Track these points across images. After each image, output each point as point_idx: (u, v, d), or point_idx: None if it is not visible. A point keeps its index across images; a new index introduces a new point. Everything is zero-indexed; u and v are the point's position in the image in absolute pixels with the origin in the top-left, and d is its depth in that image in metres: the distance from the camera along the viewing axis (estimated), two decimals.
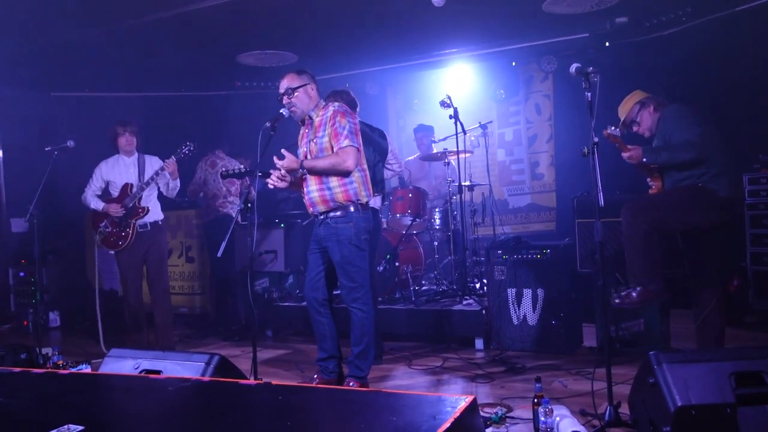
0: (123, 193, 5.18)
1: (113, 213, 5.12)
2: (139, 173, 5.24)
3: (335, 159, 3.83)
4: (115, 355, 3.17)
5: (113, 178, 5.23)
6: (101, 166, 5.27)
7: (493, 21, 6.37)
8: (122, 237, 5.13)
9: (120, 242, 5.13)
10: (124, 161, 5.27)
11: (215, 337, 6.18)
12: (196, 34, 6.20)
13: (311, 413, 2.20)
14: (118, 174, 5.24)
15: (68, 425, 1.98)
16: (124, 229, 5.13)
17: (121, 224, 5.13)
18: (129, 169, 5.26)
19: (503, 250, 4.99)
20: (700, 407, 2.52)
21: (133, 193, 5.13)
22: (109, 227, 5.17)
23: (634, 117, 4.04)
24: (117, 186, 5.22)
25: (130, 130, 5.23)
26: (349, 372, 4.03)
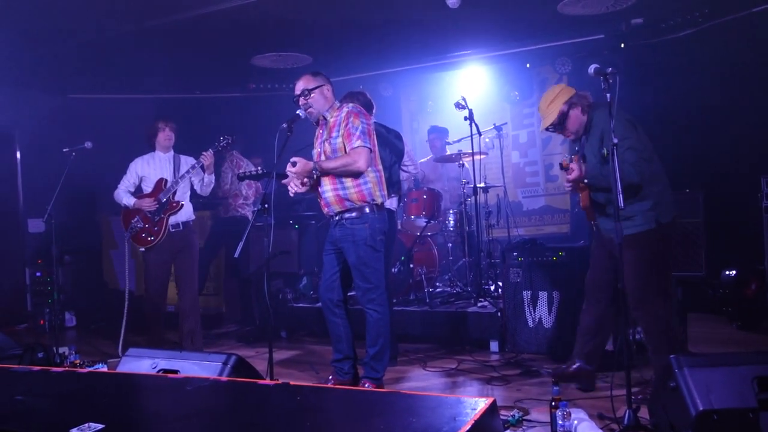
0: (157, 188, 5.12)
1: (146, 207, 5.07)
2: (174, 170, 5.20)
3: (346, 159, 3.84)
4: (132, 355, 3.19)
5: (148, 174, 5.19)
6: (137, 162, 5.24)
7: (507, 23, 6.35)
8: (153, 233, 5.06)
9: (151, 238, 5.06)
10: (160, 157, 5.23)
11: (230, 337, 6.20)
12: (211, 37, 6.22)
13: (330, 414, 2.20)
14: (153, 170, 5.19)
15: (89, 423, 1.99)
16: (156, 225, 5.06)
17: (153, 219, 5.06)
18: (164, 165, 5.22)
19: (518, 252, 4.96)
20: (722, 412, 2.49)
21: (167, 188, 5.08)
22: (141, 223, 5.10)
23: (561, 119, 3.67)
24: (151, 182, 5.16)
25: (170, 126, 5.24)
26: (364, 373, 4.02)
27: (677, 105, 6.41)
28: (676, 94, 6.41)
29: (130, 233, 5.13)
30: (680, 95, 6.40)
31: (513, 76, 7.57)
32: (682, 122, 6.35)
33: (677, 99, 6.41)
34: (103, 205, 7.36)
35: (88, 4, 5.24)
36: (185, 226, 5.16)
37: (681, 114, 6.38)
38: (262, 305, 6.01)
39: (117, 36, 5.99)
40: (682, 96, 6.39)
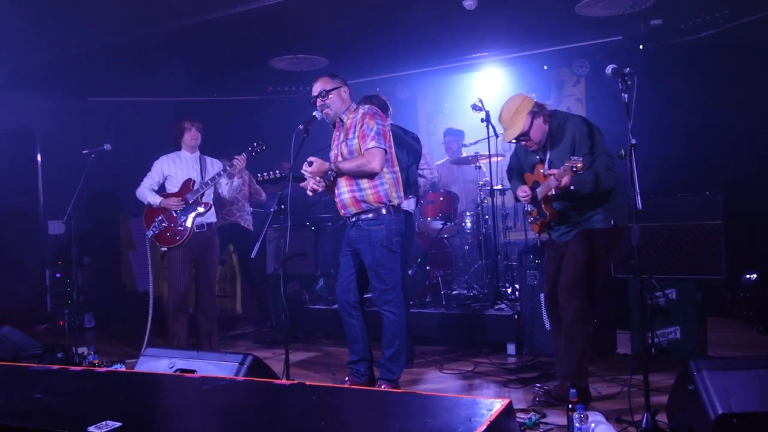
0: (184, 188, 5.08)
1: (172, 207, 5.02)
2: (201, 171, 5.18)
3: (361, 160, 3.86)
4: (150, 355, 3.22)
5: (173, 173, 5.13)
6: (163, 160, 5.18)
7: (524, 24, 6.33)
8: (179, 233, 5.01)
9: (177, 237, 5.00)
10: (187, 157, 5.19)
11: (247, 339, 6.23)
12: (229, 39, 6.27)
13: (345, 414, 2.20)
14: (180, 169, 5.14)
15: (106, 421, 2.01)
16: (182, 225, 5.01)
17: (179, 220, 5.02)
18: (191, 165, 5.18)
19: (535, 254, 4.94)
20: (741, 415, 2.46)
21: (196, 189, 5.05)
22: (166, 222, 5.02)
23: (526, 129, 3.59)
24: (177, 181, 5.10)
25: (196, 126, 5.20)
26: (380, 375, 4.02)
27: (697, 106, 6.34)
28: (696, 95, 6.35)
29: (153, 232, 5.05)
30: (700, 96, 6.33)
31: (530, 78, 7.53)
32: (702, 124, 6.28)
33: (697, 100, 6.34)
34: (122, 206, 7.45)
35: (107, 8, 5.30)
36: (209, 227, 5.15)
37: (700, 115, 6.31)
38: (279, 307, 6.03)
39: (136, 39, 6.05)
40: (701, 97, 6.33)
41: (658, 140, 5.94)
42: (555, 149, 3.59)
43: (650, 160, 5.38)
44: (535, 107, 3.61)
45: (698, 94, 6.34)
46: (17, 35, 5.63)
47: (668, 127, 6.27)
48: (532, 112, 3.59)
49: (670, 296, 4.54)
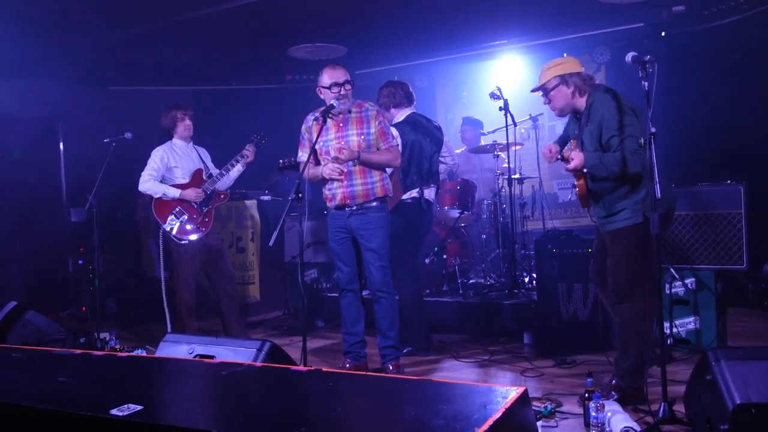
0: (197, 179, 5.03)
1: (195, 197, 4.96)
2: (202, 160, 5.16)
3: (390, 155, 4.12)
4: (170, 340, 3.27)
5: (179, 164, 5.02)
6: (163, 151, 5.03)
7: (544, 11, 6.27)
8: (204, 224, 4.98)
9: (203, 228, 4.97)
10: (182, 146, 5.11)
11: (265, 326, 6.29)
12: (248, 28, 6.29)
13: (361, 399, 2.22)
14: (183, 159, 5.06)
15: (128, 404, 2.05)
16: (207, 216, 4.99)
17: (201, 211, 4.98)
18: (193, 155, 5.13)
19: (553, 244, 4.91)
20: (760, 406, 2.44)
21: (212, 179, 5.04)
22: (186, 214, 4.95)
23: (548, 87, 3.54)
24: (184, 172, 5.03)
25: (189, 115, 5.11)
26: (388, 358, 4.17)
27: (720, 94, 6.24)
28: (719, 83, 6.24)
29: (174, 226, 4.90)
30: (723, 84, 6.23)
31: None
32: (725, 112, 6.18)
33: (720, 88, 6.23)
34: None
35: None
36: None
37: (723, 104, 6.22)
38: (297, 294, 6.07)
39: (156, 28, 6.10)
40: (725, 85, 6.22)
41: (680, 128, 5.87)
42: (587, 127, 3.48)
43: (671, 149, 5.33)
44: (570, 75, 3.48)
45: (722, 81, 6.23)
46: (40, 25, 5.70)
47: (690, 115, 6.18)
48: (563, 76, 3.49)
49: (689, 286, 4.50)
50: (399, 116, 4.85)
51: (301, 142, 4.23)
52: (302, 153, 4.21)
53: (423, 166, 4.84)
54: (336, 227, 4.16)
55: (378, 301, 4.12)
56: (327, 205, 4.22)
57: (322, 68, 4.12)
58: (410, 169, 4.78)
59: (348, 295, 4.20)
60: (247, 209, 6.86)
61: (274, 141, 6.79)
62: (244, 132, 5.22)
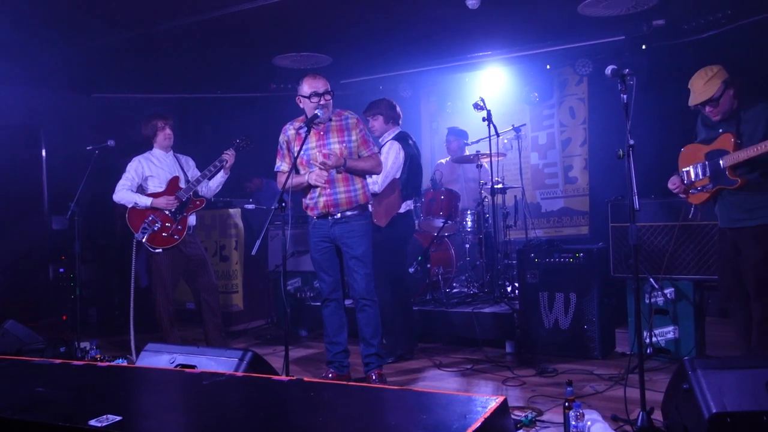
0: (172, 187, 5.00)
1: (166, 206, 4.92)
2: (182, 168, 5.13)
3: (373, 162, 4.18)
4: (151, 350, 3.25)
5: (155, 173, 5.03)
6: (139, 162, 5.04)
7: (527, 23, 6.34)
8: (177, 232, 4.93)
9: (176, 236, 4.92)
10: (163, 156, 5.10)
11: (248, 335, 6.26)
12: (233, 36, 6.29)
13: (342, 409, 2.23)
14: (161, 168, 5.05)
15: (107, 415, 2.04)
16: (180, 224, 4.93)
17: (175, 218, 4.93)
18: (171, 163, 5.11)
19: (535, 253, 4.96)
20: (735, 414, 2.48)
21: (188, 186, 5.01)
22: (159, 222, 4.91)
23: (717, 96, 3.70)
24: (161, 180, 5.02)
25: (170, 124, 5.10)
26: (371, 366, 4.17)
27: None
28: None
29: (144, 234, 4.89)
30: None
31: (533, 78, 7.54)
32: None
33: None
34: None
35: (113, 5, 5.32)
36: (193, 228, 5.14)
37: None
38: (280, 303, 6.06)
39: (141, 36, 6.08)
40: None
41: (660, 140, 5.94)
42: (747, 123, 3.61)
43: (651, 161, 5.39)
44: (730, 78, 3.70)
45: None
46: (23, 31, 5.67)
47: (669, 127, 6.25)
48: (726, 81, 3.68)
49: (669, 296, 4.56)
50: (393, 131, 4.97)
51: (280, 151, 4.23)
52: (281, 163, 4.21)
53: (418, 179, 5.04)
54: (319, 237, 4.16)
55: (362, 309, 4.13)
56: (308, 214, 4.22)
57: (303, 77, 4.14)
58: (408, 181, 4.87)
59: (331, 304, 4.21)
60: (231, 218, 6.85)
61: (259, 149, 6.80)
62: (229, 140, 5.21)
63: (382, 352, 4.32)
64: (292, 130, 4.19)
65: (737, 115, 3.68)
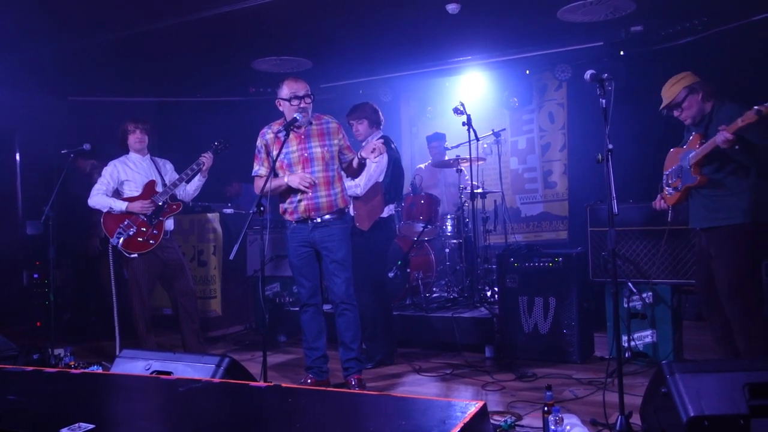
0: (149, 191, 4.93)
1: (141, 210, 4.84)
2: (159, 172, 5.06)
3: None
4: (126, 356, 3.20)
5: (131, 177, 4.95)
6: (115, 166, 4.97)
7: (507, 29, 6.37)
8: (153, 237, 4.85)
9: (151, 241, 4.85)
10: (139, 159, 5.03)
11: (226, 341, 6.20)
12: (212, 40, 6.24)
13: (320, 416, 2.20)
14: (137, 173, 4.98)
15: (79, 423, 2.00)
16: (156, 228, 4.85)
17: (151, 223, 4.86)
18: (147, 167, 5.04)
19: (515, 257, 4.97)
20: (712, 418, 2.49)
21: (164, 190, 4.93)
22: (134, 227, 4.83)
23: (679, 101, 3.84)
24: (137, 185, 4.94)
25: (141, 128, 5.01)
26: (350, 371, 4.14)
27: None
28: None
29: (119, 239, 4.81)
30: None
31: (512, 83, 7.58)
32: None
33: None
34: None
35: (90, 7, 5.25)
36: (171, 233, 5.06)
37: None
38: (259, 309, 6.01)
39: (118, 39, 6.01)
40: None
41: (638, 146, 6.00)
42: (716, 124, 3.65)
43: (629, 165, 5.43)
44: (695, 84, 3.79)
45: None
46: None
47: (647, 132, 6.33)
48: (689, 87, 3.79)
49: (647, 300, 4.59)
50: (376, 135, 4.95)
51: (258, 156, 4.18)
52: (260, 167, 4.16)
53: (400, 183, 5.03)
54: (298, 241, 4.13)
55: (341, 314, 4.10)
56: (286, 219, 4.18)
57: (283, 80, 4.11)
58: (391, 186, 4.87)
59: (309, 309, 4.17)
60: (209, 222, 6.78)
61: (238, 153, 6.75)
62: (208, 144, 5.15)
63: (362, 356, 4.30)
64: (270, 133, 4.15)
65: (709, 117, 3.78)
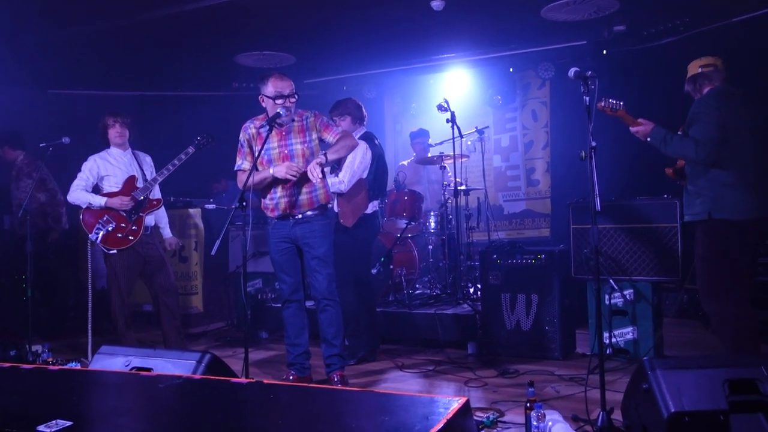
0: (129, 186, 4.87)
1: (120, 206, 4.78)
2: (140, 167, 4.99)
3: (346, 141, 4.02)
4: (105, 353, 3.14)
5: (111, 172, 4.89)
6: (95, 161, 4.92)
7: (491, 26, 6.39)
8: (132, 233, 4.78)
9: (130, 237, 4.78)
10: (120, 154, 4.96)
11: (208, 337, 6.15)
12: (195, 34, 6.19)
13: (303, 412, 2.19)
14: (118, 168, 4.91)
15: (56, 420, 1.96)
16: (135, 224, 4.80)
17: (130, 219, 4.80)
18: (128, 162, 4.97)
19: (498, 254, 4.98)
20: (693, 414, 2.51)
21: (144, 186, 4.88)
22: (113, 223, 4.78)
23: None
24: (118, 180, 4.88)
25: (121, 122, 4.94)
26: (333, 367, 4.12)
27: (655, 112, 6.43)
28: (655, 101, 6.46)
29: (98, 235, 4.75)
30: (661, 102, 6.44)
31: (496, 80, 7.60)
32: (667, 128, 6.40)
33: (656, 106, 6.44)
34: None
35: None
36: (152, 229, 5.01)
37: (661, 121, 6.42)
38: (240, 305, 5.97)
39: (100, 31, 5.94)
40: (663, 104, 6.44)
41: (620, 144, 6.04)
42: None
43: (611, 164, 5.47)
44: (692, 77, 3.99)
45: (658, 100, 6.45)
46: None
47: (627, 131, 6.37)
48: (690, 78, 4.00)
49: (628, 297, 4.62)
50: (360, 131, 4.92)
51: (240, 149, 4.13)
52: (243, 161, 4.10)
53: (384, 179, 5.00)
54: (279, 237, 4.10)
55: (324, 310, 4.08)
56: (268, 215, 4.15)
57: (268, 77, 4.05)
58: (375, 182, 4.84)
59: (291, 305, 4.15)
60: (191, 218, 6.72)
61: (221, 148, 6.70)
62: (190, 138, 5.09)
63: (344, 353, 4.28)
64: (253, 128, 4.12)
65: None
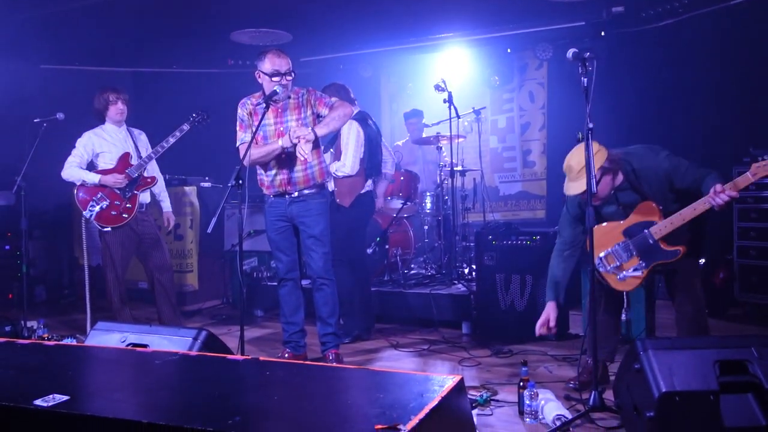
0: (123, 163, 4.82)
1: (113, 183, 4.75)
2: (135, 144, 4.95)
3: (338, 110, 3.93)
4: (101, 329, 3.16)
5: (107, 149, 4.84)
6: (90, 137, 4.86)
7: (489, 6, 6.34)
8: (126, 210, 4.76)
9: (125, 215, 4.75)
10: (115, 131, 4.91)
11: (203, 315, 6.17)
12: (190, 10, 6.12)
13: (298, 389, 2.20)
14: (113, 144, 4.86)
15: (53, 394, 1.97)
16: (129, 201, 4.77)
17: (124, 196, 4.77)
18: (123, 139, 4.92)
19: (493, 235, 4.99)
20: (683, 393, 2.54)
21: (138, 163, 4.84)
22: (107, 200, 4.74)
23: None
24: (112, 157, 4.83)
25: (122, 98, 4.90)
26: (328, 345, 4.15)
27: (655, 94, 6.46)
28: (655, 83, 6.47)
29: (93, 213, 4.72)
30: (658, 84, 6.45)
31: (494, 61, 7.56)
32: (658, 111, 6.40)
33: (656, 88, 6.46)
34: None
35: None
36: (147, 206, 4.98)
37: (658, 103, 6.44)
38: (236, 283, 5.99)
39: (94, 6, 5.86)
40: (660, 85, 6.44)
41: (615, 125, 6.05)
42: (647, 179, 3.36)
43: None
44: (607, 162, 3.30)
45: (655, 82, 6.46)
46: None
47: (624, 113, 6.37)
48: (603, 168, 3.29)
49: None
50: None
51: (241, 124, 4.08)
52: (244, 134, 4.04)
53: (377, 158, 4.97)
54: (275, 216, 4.10)
55: (319, 288, 4.10)
56: (264, 192, 4.14)
57: (266, 53, 4.00)
58: (370, 162, 4.83)
59: (287, 284, 4.16)
60: (186, 196, 6.71)
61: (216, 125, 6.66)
62: (185, 116, 5.06)
63: (339, 331, 4.31)
64: (250, 105, 4.09)
65: (633, 174, 3.38)
